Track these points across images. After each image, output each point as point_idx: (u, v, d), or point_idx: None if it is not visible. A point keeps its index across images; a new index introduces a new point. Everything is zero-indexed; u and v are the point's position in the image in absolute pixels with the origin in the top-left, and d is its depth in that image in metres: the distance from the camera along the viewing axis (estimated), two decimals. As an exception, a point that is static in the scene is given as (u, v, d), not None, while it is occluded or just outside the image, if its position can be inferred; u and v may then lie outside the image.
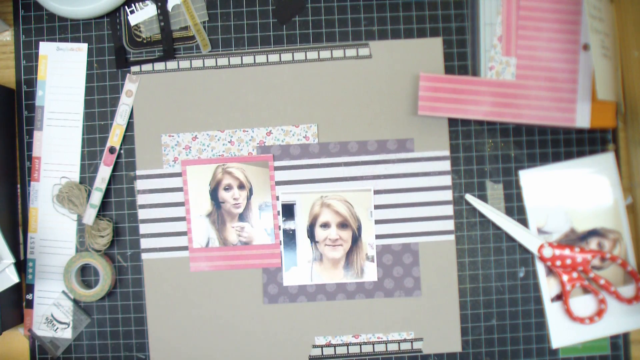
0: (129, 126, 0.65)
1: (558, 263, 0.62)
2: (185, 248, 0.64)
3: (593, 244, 0.63)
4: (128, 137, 0.65)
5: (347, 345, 0.64)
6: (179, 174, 0.64)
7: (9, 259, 0.58)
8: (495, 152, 0.64)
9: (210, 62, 0.65)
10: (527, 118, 0.62)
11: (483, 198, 0.64)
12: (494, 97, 0.62)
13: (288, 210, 0.64)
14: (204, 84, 0.65)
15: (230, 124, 0.64)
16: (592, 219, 0.63)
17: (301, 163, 0.64)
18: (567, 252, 0.62)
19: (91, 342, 0.65)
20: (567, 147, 0.64)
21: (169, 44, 0.64)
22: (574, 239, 0.63)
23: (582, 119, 0.62)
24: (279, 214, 0.64)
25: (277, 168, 0.64)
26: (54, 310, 0.64)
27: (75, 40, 0.65)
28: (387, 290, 0.64)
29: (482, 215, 0.64)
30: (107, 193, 0.64)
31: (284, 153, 0.64)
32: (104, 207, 0.65)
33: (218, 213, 0.64)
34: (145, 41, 0.65)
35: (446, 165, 0.64)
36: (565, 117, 0.62)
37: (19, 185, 0.65)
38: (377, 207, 0.64)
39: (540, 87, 0.62)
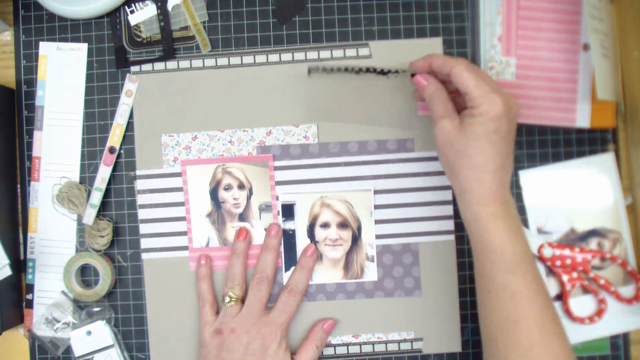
0: (129, 126, 0.65)
1: (558, 263, 0.62)
2: (185, 248, 0.64)
3: (593, 244, 0.63)
4: (128, 137, 0.65)
5: (347, 345, 0.64)
6: (179, 174, 0.64)
7: (4, 260, 0.58)
8: (495, 152, 0.64)
9: (210, 62, 0.65)
10: (527, 118, 0.62)
11: (483, 198, 0.64)
12: (494, 97, 0.62)
13: (288, 210, 0.64)
14: (204, 84, 0.64)
15: (230, 124, 0.64)
16: (592, 219, 0.63)
17: (301, 163, 0.64)
18: (567, 252, 0.62)
19: (91, 342, 0.65)
20: (567, 147, 0.64)
21: (169, 44, 0.64)
22: (574, 239, 0.63)
23: (582, 119, 0.62)
24: (278, 214, 0.64)
25: (277, 168, 0.64)
26: (53, 310, 0.64)
27: (75, 40, 0.65)
28: (387, 290, 0.64)
29: (482, 215, 0.64)
30: (107, 193, 0.64)
31: (284, 153, 0.64)
32: (104, 207, 0.65)
33: (218, 213, 0.64)
34: (145, 41, 0.65)
35: (446, 165, 0.64)
36: (565, 117, 0.62)
37: (19, 185, 0.65)
38: (377, 207, 0.64)
39: (540, 87, 0.62)
